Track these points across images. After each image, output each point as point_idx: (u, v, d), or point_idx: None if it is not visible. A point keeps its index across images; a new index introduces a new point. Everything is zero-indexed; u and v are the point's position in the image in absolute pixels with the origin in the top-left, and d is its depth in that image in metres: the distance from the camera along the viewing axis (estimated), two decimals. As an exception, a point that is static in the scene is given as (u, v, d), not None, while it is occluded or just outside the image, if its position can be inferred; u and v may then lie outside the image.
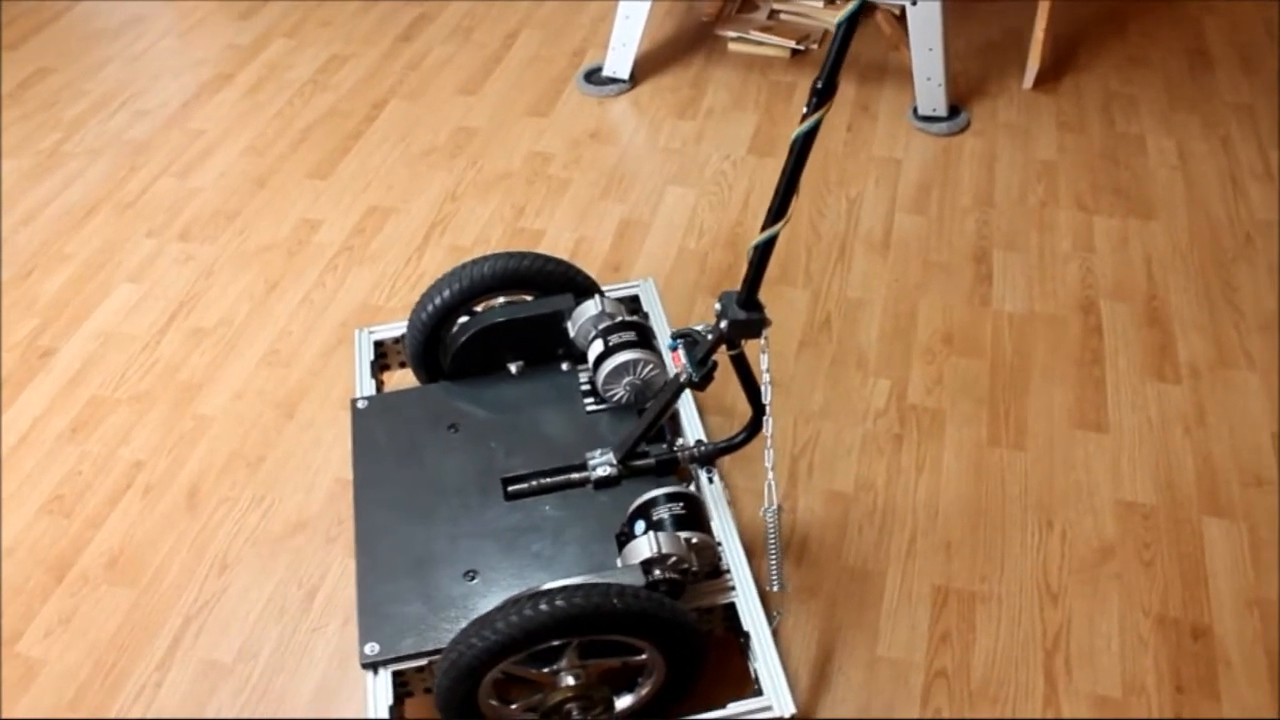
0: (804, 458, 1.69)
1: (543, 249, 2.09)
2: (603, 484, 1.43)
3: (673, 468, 1.45)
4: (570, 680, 1.22)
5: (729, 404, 1.72)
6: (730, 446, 1.47)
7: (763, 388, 1.33)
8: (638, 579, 1.22)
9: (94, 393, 1.86)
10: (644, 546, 1.24)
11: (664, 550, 1.24)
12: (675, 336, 1.40)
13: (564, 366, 1.60)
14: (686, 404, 1.55)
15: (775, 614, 1.32)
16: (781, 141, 2.32)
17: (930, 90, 2.28)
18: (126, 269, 2.11)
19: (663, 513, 1.31)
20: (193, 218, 2.22)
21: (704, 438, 1.50)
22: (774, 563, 1.32)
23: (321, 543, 1.61)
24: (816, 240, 2.07)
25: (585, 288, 1.61)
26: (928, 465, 1.67)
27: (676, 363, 1.38)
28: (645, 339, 1.52)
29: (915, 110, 2.34)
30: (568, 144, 2.36)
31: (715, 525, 1.39)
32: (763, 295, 1.28)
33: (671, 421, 1.54)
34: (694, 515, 1.32)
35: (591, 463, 1.44)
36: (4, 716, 1.37)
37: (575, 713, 1.22)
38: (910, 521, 1.59)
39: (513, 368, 1.60)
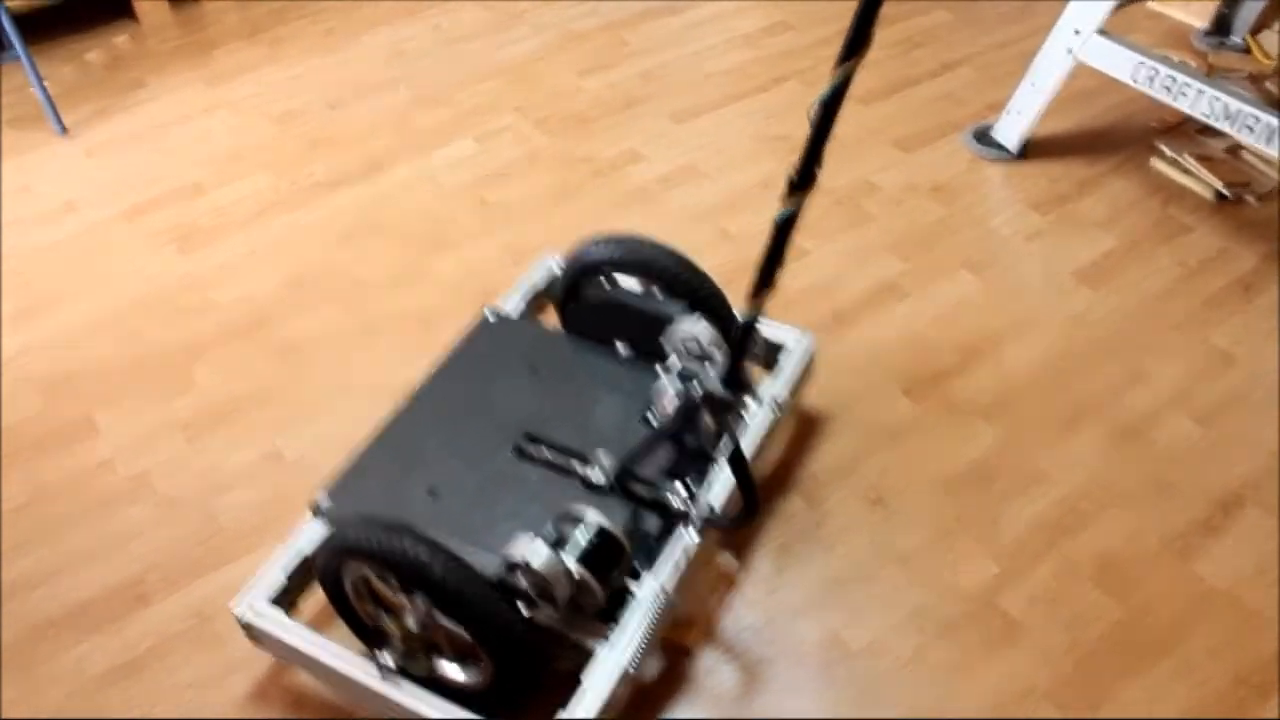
0: (840, 587, 1.53)
1: (788, 270, 2.03)
2: (588, 486, 1.43)
3: (662, 511, 1.41)
4: (409, 619, 1.28)
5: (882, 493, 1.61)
6: (716, 522, 1.40)
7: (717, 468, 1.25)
8: (492, 569, 1.24)
9: (375, 213, 2.18)
10: (521, 547, 1.25)
11: (533, 563, 1.23)
12: (684, 380, 1.35)
13: (659, 370, 1.59)
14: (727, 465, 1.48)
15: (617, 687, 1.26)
16: (1123, 283, 1.99)
17: (1322, 301, 1.82)
18: (479, 130, 2.39)
19: (576, 534, 1.29)
20: (557, 110, 2.45)
21: (717, 506, 1.43)
22: (642, 645, 1.26)
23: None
24: (1054, 394, 1.79)
25: (706, 304, 1.57)
26: (945, 667, 1.44)
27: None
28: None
29: (1301, 315, 1.89)
30: (903, 186, 2.23)
31: (645, 580, 1.34)
32: (951, 413, 1.20)
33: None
34: (603, 557, 1.29)
35: (592, 461, 1.44)
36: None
37: (391, 644, 1.28)
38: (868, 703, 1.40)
39: (621, 349, 1.63)
